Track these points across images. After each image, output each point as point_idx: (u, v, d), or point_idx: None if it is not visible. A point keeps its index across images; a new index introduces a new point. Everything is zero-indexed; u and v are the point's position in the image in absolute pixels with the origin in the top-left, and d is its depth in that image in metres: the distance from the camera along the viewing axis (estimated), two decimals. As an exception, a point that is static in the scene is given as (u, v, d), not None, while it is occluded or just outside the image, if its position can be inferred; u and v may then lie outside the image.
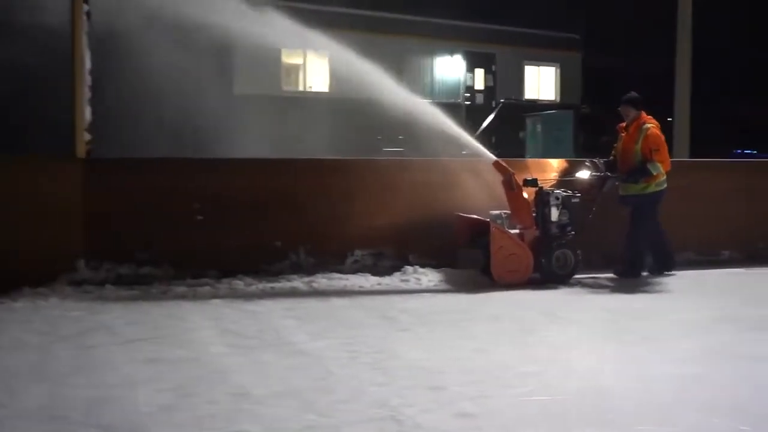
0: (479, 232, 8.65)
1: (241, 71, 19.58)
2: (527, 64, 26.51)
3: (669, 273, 9.33)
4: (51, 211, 7.97)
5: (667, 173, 9.16)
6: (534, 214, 8.79)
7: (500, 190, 8.91)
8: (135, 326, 6.53)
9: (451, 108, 23.76)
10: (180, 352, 5.80)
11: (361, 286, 8.27)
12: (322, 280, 8.32)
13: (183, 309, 7.17)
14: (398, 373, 5.34)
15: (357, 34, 21.25)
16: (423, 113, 9.05)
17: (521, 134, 23.96)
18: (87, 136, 8.16)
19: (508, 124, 23.16)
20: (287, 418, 4.49)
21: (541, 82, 26.87)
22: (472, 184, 9.17)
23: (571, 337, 6.42)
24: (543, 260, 8.61)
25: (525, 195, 8.79)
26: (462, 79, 24.73)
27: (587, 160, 9.58)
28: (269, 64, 20.10)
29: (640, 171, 9.06)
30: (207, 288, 7.94)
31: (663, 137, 9.23)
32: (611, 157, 9.49)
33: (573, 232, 8.83)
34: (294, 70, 21.31)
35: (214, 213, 8.48)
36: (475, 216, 8.83)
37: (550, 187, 9.07)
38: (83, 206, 8.07)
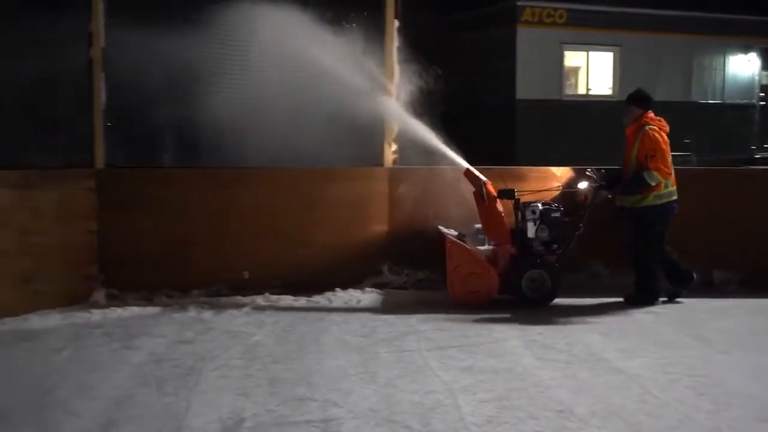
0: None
1: (523, 75, 19.61)
2: (833, 60, 24.20)
3: (679, 299, 7.97)
4: (364, 217, 8.46)
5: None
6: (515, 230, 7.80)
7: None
8: (444, 332, 6.73)
9: (743, 109, 22.48)
10: (493, 362, 5.89)
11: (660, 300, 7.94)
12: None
13: (488, 316, 7.27)
14: (725, 400, 5.08)
15: (643, 34, 20.64)
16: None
17: (823, 137, 22.06)
18: (393, 146, 8.58)
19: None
20: (616, 441, 4.43)
21: None
22: None
23: None
24: (514, 281, 7.68)
25: (500, 207, 7.79)
26: (756, 77, 23.10)
27: (588, 169, 8.17)
28: (551, 67, 20.00)
29: (636, 181, 7.74)
30: (506, 296, 8.02)
31: (663, 141, 7.78)
32: (620, 166, 8.13)
33: (559, 251, 7.78)
34: (574, 72, 21.03)
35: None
36: (445, 230, 8.03)
37: (532, 199, 7.91)
38: (389, 213, 8.48)
